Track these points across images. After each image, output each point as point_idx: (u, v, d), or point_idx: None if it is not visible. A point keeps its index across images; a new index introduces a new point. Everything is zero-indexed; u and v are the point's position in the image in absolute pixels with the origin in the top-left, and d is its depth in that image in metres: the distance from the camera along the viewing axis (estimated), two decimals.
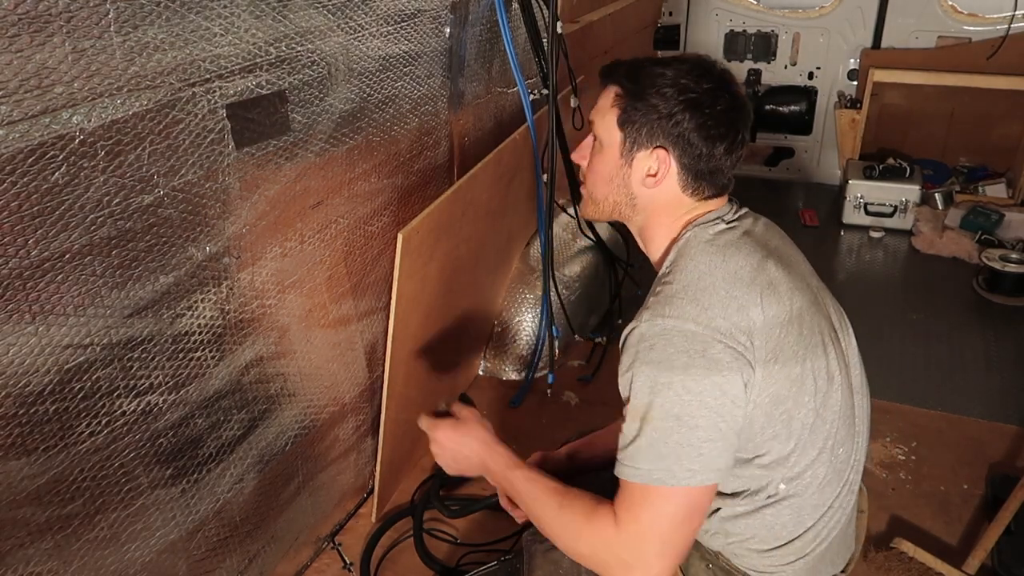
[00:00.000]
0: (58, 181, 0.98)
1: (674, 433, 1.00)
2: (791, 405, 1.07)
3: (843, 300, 1.39)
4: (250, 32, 1.21)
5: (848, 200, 3.72)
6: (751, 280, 1.07)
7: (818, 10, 3.95)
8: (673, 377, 1.00)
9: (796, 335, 1.08)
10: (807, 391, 1.08)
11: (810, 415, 1.09)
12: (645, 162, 1.15)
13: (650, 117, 1.13)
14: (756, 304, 1.05)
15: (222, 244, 1.30)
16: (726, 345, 1.01)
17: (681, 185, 1.16)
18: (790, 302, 1.09)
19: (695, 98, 1.12)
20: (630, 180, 1.17)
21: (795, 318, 1.09)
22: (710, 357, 1.01)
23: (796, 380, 1.07)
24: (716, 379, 1.01)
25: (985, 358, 2.70)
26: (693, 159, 1.14)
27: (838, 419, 1.13)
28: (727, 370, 1.01)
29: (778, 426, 1.07)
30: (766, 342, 1.04)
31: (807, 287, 1.17)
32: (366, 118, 1.58)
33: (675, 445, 1.00)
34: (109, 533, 1.23)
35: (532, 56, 2.18)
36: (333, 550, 1.91)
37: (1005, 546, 1.81)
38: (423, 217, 1.65)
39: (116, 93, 1.01)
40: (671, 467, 1.00)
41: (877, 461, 2.19)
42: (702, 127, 1.13)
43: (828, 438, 1.12)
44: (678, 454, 1.00)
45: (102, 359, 1.13)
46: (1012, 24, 3.58)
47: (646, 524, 1.02)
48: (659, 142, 1.14)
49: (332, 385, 1.76)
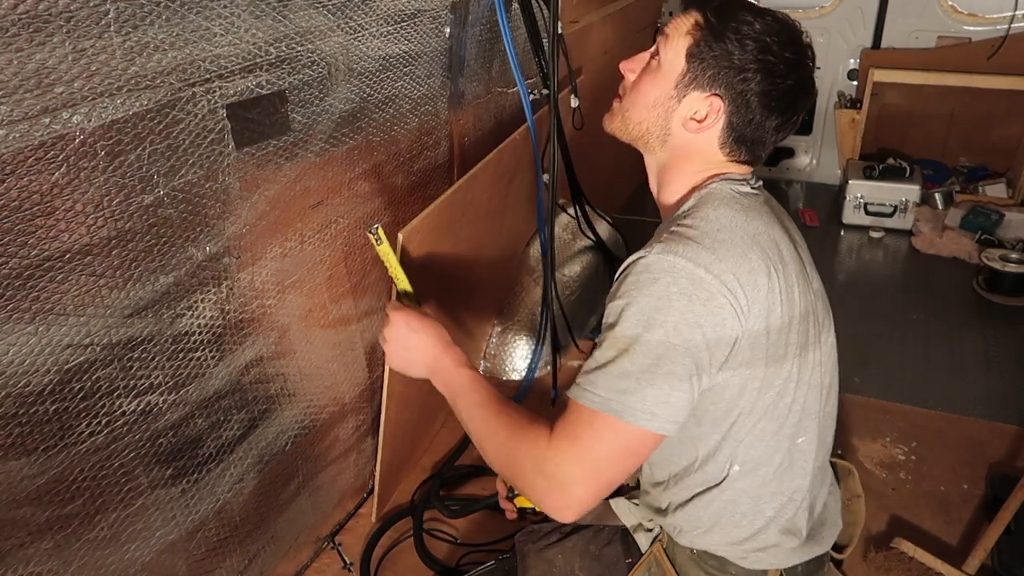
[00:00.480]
0: (58, 181, 0.98)
1: (649, 372, 0.96)
2: (760, 385, 1.05)
3: (843, 300, 1.39)
4: (250, 32, 1.21)
5: (848, 200, 3.72)
6: (766, 249, 1.04)
7: (818, 10, 3.95)
8: (668, 317, 0.96)
9: (788, 325, 1.06)
10: (781, 375, 1.06)
11: (778, 398, 1.07)
12: (696, 104, 1.10)
13: (720, 62, 1.07)
14: (764, 274, 1.02)
15: (222, 244, 1.30)
16: (729, 302, 0.98)
17: (720, 141, 1.11)
18: (794, 290, 1.07)
19: (772, 63, 1.07)
20: (673, 115, 1.12)
21: (795, 308, 1.07)
22: (711, 308, 0.97)
23: (775, 362, 1.05)
24: (709, 332, 0.97)
25: (985, 358, 2.70)
26: (743, 122, 1.09)
27: (801, 409, 1.11)
28: (721, 327, 0.98)
29: (744, 401, 1.05)
30: (762, 314, 1.02)
31: (807, 280, 1.15)
32: (366, 118, 1.58)
33: (646, 384, 0.96)
34: (109, 533, 1.23)
35: (532, 56, 2.18)
36: (333, 550, 1.91)
37: (1005, 546, 1.81)
38: (423, 217, 1.64)
39: (116, 93, 1.01)
40: (633, 404, 0.96)
41: (877, 461, 2.19)
42: (766, 94, 1.08)
43: (789, 425, 1.10)
44: (645, 394, 0.96)
45: (102, 359, 1.13)
46: (1012, 24, 3.58)
47: (582, 447, 0.98)
48: (719, 90, 1.08)
49: (332, 385, 1.76)
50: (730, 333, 0.99)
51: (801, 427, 1.12)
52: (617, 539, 1.34)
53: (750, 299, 1.00)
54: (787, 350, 1.06)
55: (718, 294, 0.97)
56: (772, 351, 1.04)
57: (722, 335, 0.98)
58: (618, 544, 1.33)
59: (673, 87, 1.11)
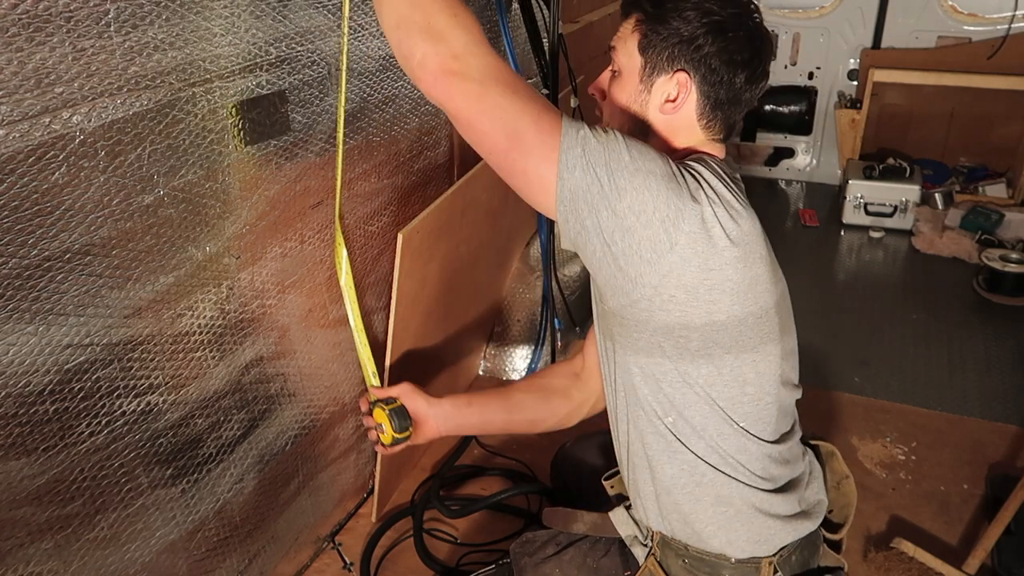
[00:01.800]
0: (58, 181, 0.98)
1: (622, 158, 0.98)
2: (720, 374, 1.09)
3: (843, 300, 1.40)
4: (250, 32, 1.21)
5: (848, 200, 3.72)
6: None
7: (818, 10, 3.95)
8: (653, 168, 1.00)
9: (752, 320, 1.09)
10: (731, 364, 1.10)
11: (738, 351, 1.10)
12: (665, 87, 1.13)
13: (671, 41, 1.11)
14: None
15: (222, 244, 1.30)
16: (710, 204, 1.01)
17: (698, 113, 1.14)
18: (765, 282, 1.10)
19: (719, 21, 1.10)
20: (648, 107, 1.15)
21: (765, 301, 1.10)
22: (690, 191, 1.01)
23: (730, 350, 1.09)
24: (689, 205, 1.00)
25: (985, 358, 2.70)
26: (714, 85, 1.12)
27: (756, 392, 1.14)
28: (703, 208, 1.00)
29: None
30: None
31: (779, 278, 1.18)
32: (366, 118, 1.58)
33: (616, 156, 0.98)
34: (109, 533, 1.23)
35: (532, 56, 2.18)
36: (333, 550, 1.91)
37: (1005, 546, 1.81)
38: (423, 217, 1.65)
39: (116, 93, 1.02)
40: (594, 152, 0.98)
41: (877, 461, 2.19)
42: (724, 51, 1.11)
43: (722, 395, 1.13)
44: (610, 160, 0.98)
45: (102, 359, 1.13)
46: (1012, 24, 3.58)
47: (504, 76, 0.97)
48: (680, 65, 1.11)
49: (332, 385, 1.76)
50: (697, 223, 1.01)
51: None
52: (615, 550, 1.34)
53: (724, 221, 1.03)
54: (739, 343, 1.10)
55: (698, 196, 1.03)
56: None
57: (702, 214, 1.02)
58: (616, 555, 1.33)
59: (639, 82, 1.15)
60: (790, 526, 1.20)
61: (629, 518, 1.31)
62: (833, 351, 2.75)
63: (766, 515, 1.18)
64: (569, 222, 1.00)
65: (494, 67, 0.97)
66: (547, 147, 0.97)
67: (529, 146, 0.97)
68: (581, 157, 0.97)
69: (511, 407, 1.46)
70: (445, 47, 0.95)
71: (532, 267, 2.62)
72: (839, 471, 1.38)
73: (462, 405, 1.45)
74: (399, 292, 1.64)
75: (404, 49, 0.98)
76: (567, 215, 0.99)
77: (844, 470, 1.37)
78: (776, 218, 3.98)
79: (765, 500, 1.17)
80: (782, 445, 1.20)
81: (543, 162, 0.97)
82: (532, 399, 1.47)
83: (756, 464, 1.17)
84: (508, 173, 1.01)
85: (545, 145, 0.97)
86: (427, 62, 0.96)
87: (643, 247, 0.99)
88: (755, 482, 1.17)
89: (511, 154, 0.98)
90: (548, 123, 0.98)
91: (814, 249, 3.63)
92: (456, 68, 0.95)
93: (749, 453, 1.16)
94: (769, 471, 1.18)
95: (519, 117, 0.97)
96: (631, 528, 1.30)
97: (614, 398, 1.24)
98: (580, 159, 0.97)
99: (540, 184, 0.99)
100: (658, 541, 1.25)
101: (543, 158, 0.97)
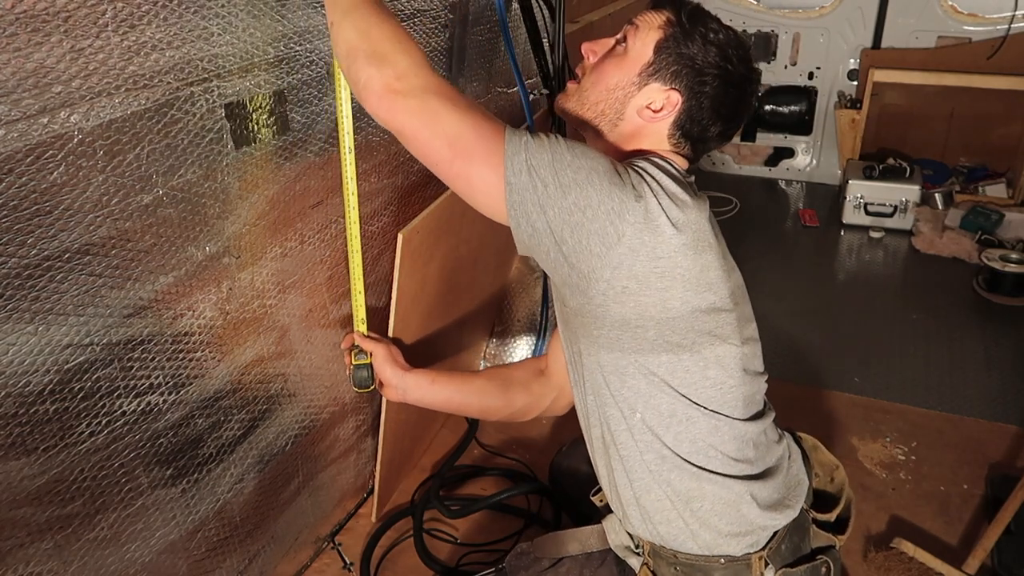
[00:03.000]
0: (57, 180, 0.98)
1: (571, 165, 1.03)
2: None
3: (843, 300, 1.41)
4: (248, 32, 1.21)
5: (848, 200, 3.72)
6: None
7: (818, 10, 3.95)
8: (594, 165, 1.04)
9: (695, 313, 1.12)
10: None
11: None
12: (654, 95, 1.17)
13: (684, 60, 1.15)
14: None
15: (222, 244, 1.30)
16: (653, 195, 1.05)
17: (668, 133, 1.19)
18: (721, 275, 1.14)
19: (730, 71, 1.15)
20: (630, 101, 1.18)
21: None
22: (633, 184, 1.05)
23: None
24: (634, 201, 1.03)
25: (985, 358, 2.70)
26: (691, 121, 1.17)
27: (720, 385, 1.16)
28: (643, 205, 1.04)
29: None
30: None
31: (732, 267, 1.21)
32: (365, 118, 1.58)
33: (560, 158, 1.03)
34: (109, 533, 1.23)
35: (532, 56, 2.18)
36: (333, 550, 1.91)
37: (1005, 546, 1.81)
38: (423, 217, 1.65)
39: (114, 92, 1.01)
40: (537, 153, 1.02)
41: (877, 461, 2.19)
42: (718, 99, 1.16)
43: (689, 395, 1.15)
44: (555, 161, 1.02)
45: (102, 359, 1.13)
46: (1012, 24, 3.58)
47: (448, 95, 1.04)
48: (678, 86, 1.15)
49: (332, 385, 1.76)
50: (640, 219, 1.05)
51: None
52: (610, 561, 1.34)
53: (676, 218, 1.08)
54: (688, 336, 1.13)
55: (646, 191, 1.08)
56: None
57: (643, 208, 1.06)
58: (612, 565, 1.34)
59: (636, 74, 1.17)
60: (770, 515, 1.19)
61: (620, 527, 1.31)
62: (833, 351, 2.75)
63: (748, 505, 1.17)
64: (521, 226, 1.04)
65: (434, 83, 1.04)
66: (490, 153, 1.02)
67: (472, 152, 1.02)
68: (525, 161, 1.01)
69: (471, 391, 1.52)
70: (389, 69, 1.03)
71: (532, 267, 2.62)
72: (827, 462, 1.38)
73: (425, 383, 1.50)
74: (399, 292, 1.64)
75: (352, 74, 1.07)
76: (518, 219, 1.04)
77: (832, 460, 1.38)
78: (776, 218, 3.98)
79: (744, 489, 1.17)
80: (754, 425, 1.20)
81: (486, 167, 1.02)
82: (492, 386, 1.53)
83: (730, 446, 1.17)
84: (454, 180, 1.06)
85: (488, 151, 1.02)
86: (371, 83, 1.03)
87: (592, 241, 1.02)
88: (731, 468, 1.17)
89: (455, 162, 1.03)
90: (489, 131, 1.03)
91: (814, 249, 3.63)
92: (398, 87, 1.02)
93: (721, 434, 1.16)
94: (744, 452, 1.18)
95: (459, 125, 1.02)
96: (623, 537, 1.31)
97: (584, 403, 1.25)
98: (524, 163, 1.01)
99: (486, 189, 1.03)
100: (649, 551, 1.25)
101: (486, 163, 1.02)
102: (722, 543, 1.18)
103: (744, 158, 4.47)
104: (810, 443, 1.38)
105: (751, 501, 1.17)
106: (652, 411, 1.15)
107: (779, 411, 1.29)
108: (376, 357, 1.50)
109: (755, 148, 4.42)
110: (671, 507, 1.18)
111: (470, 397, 1.53)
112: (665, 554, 1.22)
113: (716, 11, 1.21)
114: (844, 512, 1.35)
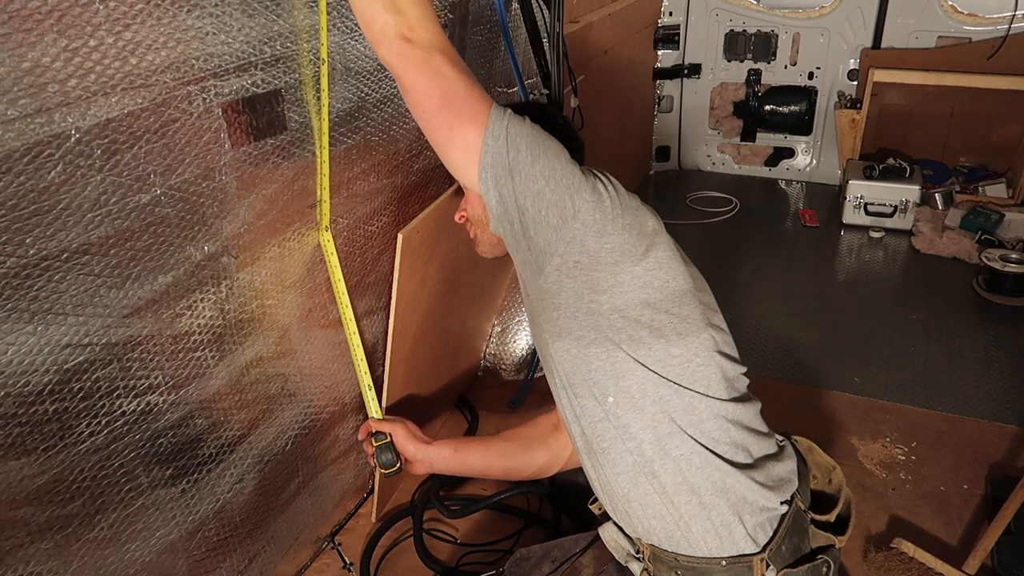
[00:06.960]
0: (55, 179, 0.98)
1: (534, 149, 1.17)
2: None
3: (843, 300, 1.41)
4: (243, 31, 1.21)
5: (848, 200, 3.72)
6: None
7: (818, 10, 3.95)
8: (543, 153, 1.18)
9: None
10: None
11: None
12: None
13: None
14: None
15: (221, 243, 1.30)
16: (600, 176, 1.25)
17: None
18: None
19: None
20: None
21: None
22: (584, 168, 1.24)
23: None
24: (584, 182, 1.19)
25: (985, 358, 2.70)
26: None
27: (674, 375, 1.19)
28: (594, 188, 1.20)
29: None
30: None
31: (695, 273, 1.28)
32: (364, 117, 1.58)
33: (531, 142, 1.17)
34: (109, 533, 1.23)
35: (532, 56, 2.18)
36: (333, 550, 1.91)
37: (1005, 546, 1.81)
38: (423, 217, 1.65)
39: (111, 92, 1.01)
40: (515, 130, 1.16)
41: (877, 461, 2.19)
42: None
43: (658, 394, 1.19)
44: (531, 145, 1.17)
45: (102, 359, 1.13)
46: (1012, 24, 3.58)
47: (451, 61, 1.16)
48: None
49: (332, 385, 1.76)
50: (592, 200, 1.21)
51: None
52: (611, 567, 1.34)
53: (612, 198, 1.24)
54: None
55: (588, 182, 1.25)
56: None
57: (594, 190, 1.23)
58: (612, 572, 1.33)
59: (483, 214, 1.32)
60: (759, 502, 1.19)
61: (619, 532, 1.31)
62: (833, 351, 2.75)
63: (735, 492, 1.17)
64: (489, 190, 1.17)
65: (441, 41, 1.16)
66: (476, 112, 1.16)
67: (460, 108, 1.15)
68: (505, 128, 1.15)
69: (494, 455, 1.58)
70: (403, 19, 1.14)
71: None
72: (824, 463, 1.38)
73: (448, 453, 1.56)
74: (399, 292, 1.64)
75: (367, 15, 1.16)
76: (487, 180, 1.16)
77: (829, 461, 1.38)
78: (776, 218, 3.98)
79: (729, 475, 1.17)
80: (737, 407, 1.21)
81: (470, 123, 1.15)
82: (513, 447, 1.58)
83: (710, 424, 1.17)
84: (435, 129, 1.18)
85: (475, 111, 1.15)
86: (387, 29, 1.14)
87: (551, 212, 1.15)
88: (712, 446, 1.17)
89: (442, 111, 1.15)
90: (479, 96, 1.17)
91: (814, 249, 3.63)
92: (410, 36, 1.14)
93: (698, 413, 1.17)
94: (730, 434, 1.18)
95: (455, 83, 1.15)
96: (624, 543, 1.30)
97: (561, 403, 1.28)
98: (504, 129, 1.14)
99: (463, 144, 1.16)
100: (649, 555, 1.25)
101: (471, 120, 1.15)
102: (712, 540, 1.18)
103: (744, 158, 4.47)
104: (805, 445, 1.38)
105: (738, 490, 1.17)
106: (623, 394, 1.17)
107: (779, 411, 1.29)
108: (396, 436, 1.56)
109: (755, 148, 4.42)
110: (659, 501, 1.19)
111: (493, 460, 1.58)
112: (666, 557, 1.22)
113: (716, 11, 1.23)
114: (844, 512, 1.35)
